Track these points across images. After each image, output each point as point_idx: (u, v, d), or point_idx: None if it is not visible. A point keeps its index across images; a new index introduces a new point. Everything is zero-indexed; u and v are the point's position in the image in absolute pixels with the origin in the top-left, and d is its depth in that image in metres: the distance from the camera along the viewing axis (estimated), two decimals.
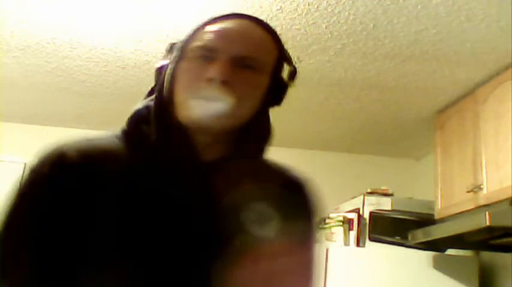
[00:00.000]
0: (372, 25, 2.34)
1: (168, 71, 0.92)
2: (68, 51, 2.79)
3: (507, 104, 2.48)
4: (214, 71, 0.85)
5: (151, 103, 0.92)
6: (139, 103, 0.95)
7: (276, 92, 0.93)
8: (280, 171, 0.99)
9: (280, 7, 2.21)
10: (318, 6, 2.22)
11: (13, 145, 3.91)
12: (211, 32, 0.91)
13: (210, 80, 0.85)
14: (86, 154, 0.87)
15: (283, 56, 0.95)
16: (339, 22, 2.33)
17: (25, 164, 0.88)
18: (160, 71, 0.94)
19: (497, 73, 2.62)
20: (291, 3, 2.20)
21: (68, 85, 3.24)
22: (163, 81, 0.92)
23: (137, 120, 0.92)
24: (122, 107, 3.59)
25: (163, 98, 0.90)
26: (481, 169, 2.60)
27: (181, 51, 0.92)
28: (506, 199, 2.37)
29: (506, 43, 2.38)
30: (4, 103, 3.64)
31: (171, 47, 0.95)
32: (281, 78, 0.94)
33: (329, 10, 2.25)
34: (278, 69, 0.93)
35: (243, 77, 0.87)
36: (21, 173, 0.87)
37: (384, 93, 3.04)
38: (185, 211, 0.84)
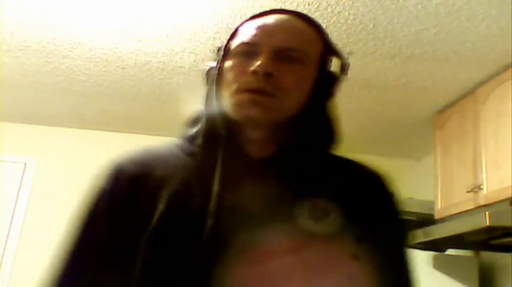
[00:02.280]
0: (371, 25, 2.34)
1: (215, 71, 0.92)
2: (68, 51, 2.79)
3: (507, 104, 2.48)
4: (257, 64, 0.85)
5: (204, 106, 0.93)
6: (196, 109, 0.95)
7: (325, 85, 0.91)
8: (351, 165, 0.97)
9: (280, 7, 2.21)
10: (318, 6, 2.22)
11: (13, 145, 3.91)
12: (252, 27, 0.91)
13: (254, 73, 0.84)
14: (142, 165, 0.90)
15: (329, 49, 0.93)
16: (339, 22, 2.33)
17: (25, 164, 0.88)
18: (208, 73, 0.94)
19: (497, 73, 2.62)
20: (291, 3, 2.20)
21: (68, 85, 3.24)
22: (212, 82, 0.92)
23: (193, 124, 0.93)
24: (122, 107, 3.62)
25: (213, 97, 0.91)
26: (481, 169, 2.60)
27: (225, 51, 0.92)
28: (506, 199, 2.37)
29: (506, 43, 2.38)
30: (4, 103, 3.64)
31: (218, 49, 0.95)
32: (329, 71, 0.92)
33: (329, 10, 2.25)
34: (324, 61, 0.92)
35: (286, 69, 0.86)
36: (21, 173, 0.88)
37: (384, 93, 3.04)
38: (229, 210, 0.83)
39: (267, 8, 0.97)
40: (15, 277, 3.68)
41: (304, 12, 1.00)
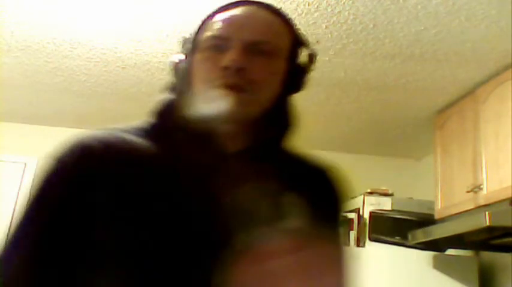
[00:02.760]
0: (372, 25, 2.34)
1: (184, 64, 0.91)
2: (68, 51, 2.79)
3: (507, 104, 2.48)
4: (228, 59, 0.84)
5: (173, 97, 0.92)
6: (162, 97, 0.94)
7: (295, 77, 0.91)
8: (303, 159, 0.98)
9: (280, 7, 2.21)
10: (318, 6, 2.22)
11: (13, 144, 3.91)
12: (220, 20, 0.90)
13: (225, 69, 0.84)
14: (109, 145, 0.86)
15: (298, 40, 0.93)
16: (339, 22, 2.33)
17: (25, 164, 0.87)
18: (176, 65, 0.93)
19: (497, 73, 2.62)
20: (291, 3, 2.20)
21: (68, 85, 3.24)
22: (181, 75, 0.91)
23: (160, 113, 0.92)
24: (122, 107, 3.62)
25: (182, 90, 0.90)
26: (481, 169, 2.60)
27: (193, 44, 0.92)
28: (506, 199, 2.37)
29: (506, 43, 2.38)
30: (4, 103, 3.64)
31: (184, 41, 0.94)
32: (299, 63, 0.92)
33: (329, 10, 2.25)
34: (294, 53, 0.91)
35: (258, 63, 0.86)
36: (21, 173, 0.87)
37: (384, 93, 3.04)
38: (206, 203, 0.83)
39: None
40: None
41: (304, 12, 1.00)
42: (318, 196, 0.91)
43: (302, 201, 0.84)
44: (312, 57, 0.93)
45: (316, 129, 3.61)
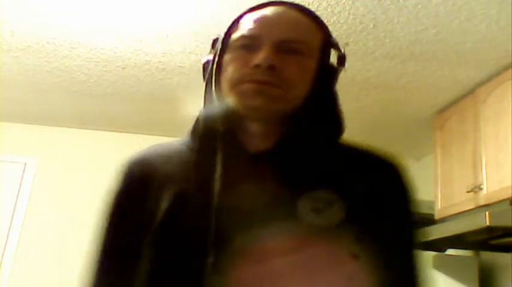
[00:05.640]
0: (372, 25, 2.34)
1: (214, 65, 0.91)
2: (68, 51, 2.79)
3: (507, 104, 2.48)
4: (259, 57, 0.84)
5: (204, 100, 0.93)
6: (203, 106, 0.94)
7: (326, 77, 0.91)
8: (366, 153, 0.95)
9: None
10: (318, 6, 2.22)
11: (13, 144, 3.91)
12: (251, 20, 0.90)
13: (257, 67, 0.84)
14: (149, 164, 0.92)
15: (328, 40, 0.93)
16: (339, 22, 2.33)
17: (25, 164, 0.89)
18: (206, 66, 0.93)
19: (497, 73, 2.62)
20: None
21: (67, 85, 3.24)
22: (211, 75, 0.91)
23: (199, 121, 0.94)
24: (122, 107, 3.62)
25: (212, 91, 0.90)
26: (481, 169, 2.60)
27: (223, 44, 0.91)
28: (506, 199, 2.37)
29: (506, 43, 2.38)
30: (4, 103, 3.64)
31: (214, 42, 0.94)
32: (329, 63, 0.92)
33: (329, 10, 2.25)
34: (325, 53, 0.91)
35: (289, 61, 0.86)
36: (21, 173, 0.89)
37: (384, 93, 3.04)
38: (232, 203, 0.83)
39: None
40: (15, 277, 3.67)
41: None
42: (378, 194, 0.87)
43: (337, 198, 0.82)
44: (341, 59, 0.93)
45: None
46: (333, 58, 0.92)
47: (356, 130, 4.30)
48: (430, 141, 3.26)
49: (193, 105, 0.95)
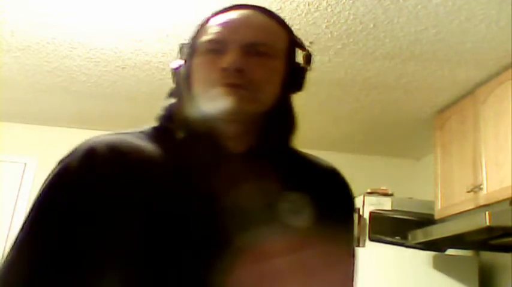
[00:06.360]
0: (372, 25, 2.34)
1: (183, 69, 0.93)
2: (68, 51, 2.79)
3: (507, 104, 2.48)
4: (227, 61, 0.86)
5: (175, 101, 0.94)
6: (166, 103, 0.97)
7: (294, 77, 0.93)
8: (310, 160, 0.99)
9: (280, 7, 2.22)
10: (318, 6, 2.22)
11: (13, 144, 3.91)
12: (217, 24, 0.92)
13: (224, 70, 0.85)
14: (115, 148, 0.88)
15: (294, 41, 0.95)
16: (339, 22, 2.33)
17: (25, 164, 0.87)
18: (176, 70, 0.95)
19: (497, 73, 2.62)
20: (291, 3, 2.20)
21: (67, 85, 3.24)
22: (181, 79, 0.93)
23: (165, 118, 0.94)
24: (122, 107, 3.62)
25: (183, 94, 0.92)
26: (481, 169, 2.60)
27: (191, 48, 0.93)
28: (506, 199, 2.37)
29: (506, 43, 2.38)
30: (4, 103, 3.64)
31: (181, 47, 0.95)
32: (296, 63, 0.94)
33: (329, 10, 2.25)
34: (291, 54, 0.94)
35: (256, 63, 0.87)
36: (21, 173, 0.87)
37: (384, 93, 3.04)
38: (207, 204, 0.84)
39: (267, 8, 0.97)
40: None
41: (304, 12, 1.00)
42: (330, 196, 0.94)
43: (307, 200, 0.86)
44: (308, 58, 0.95)
45: (316, 129, 3.61)
46: (300, 58, 0.95)
47: (356, 130, 4.32)
48: (430, 141, 3.26)
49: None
